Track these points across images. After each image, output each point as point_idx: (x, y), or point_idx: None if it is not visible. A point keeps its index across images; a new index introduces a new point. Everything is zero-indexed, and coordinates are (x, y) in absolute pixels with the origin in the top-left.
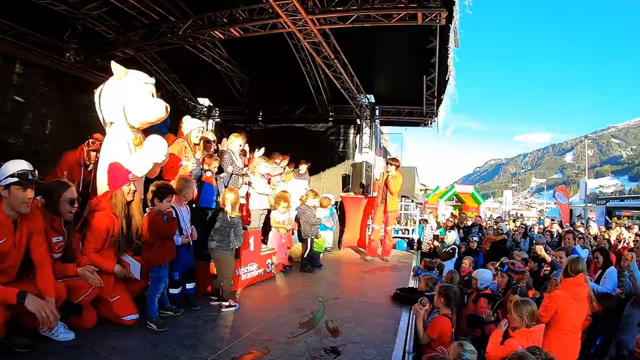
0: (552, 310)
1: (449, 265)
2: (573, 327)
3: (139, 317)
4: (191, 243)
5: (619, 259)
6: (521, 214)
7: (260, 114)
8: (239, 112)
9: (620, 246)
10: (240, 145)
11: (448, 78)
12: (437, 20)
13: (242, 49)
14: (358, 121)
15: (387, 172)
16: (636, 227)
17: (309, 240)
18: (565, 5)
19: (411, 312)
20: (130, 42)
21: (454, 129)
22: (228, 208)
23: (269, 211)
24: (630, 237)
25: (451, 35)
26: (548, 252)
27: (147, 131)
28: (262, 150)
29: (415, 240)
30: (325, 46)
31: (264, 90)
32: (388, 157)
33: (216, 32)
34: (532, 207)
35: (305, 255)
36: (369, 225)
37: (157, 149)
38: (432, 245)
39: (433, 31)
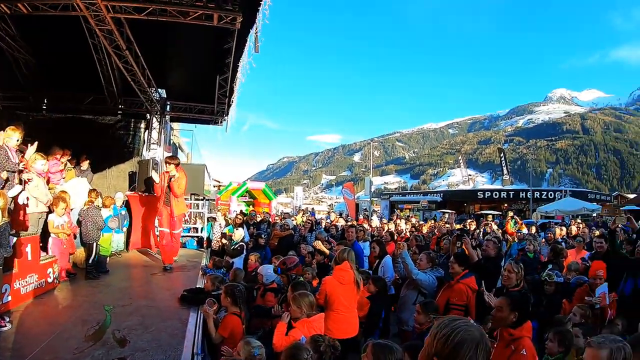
0: (323, 294)
1: (237, 262)
2: (345, 307)
3: None
4: None
5: None
6: (312, 208)
7: (46, 101)
8: (22, 98)
9: (397, 237)
10: (18, 140)
11: (236, 80)
12: (233, 24)
13: (31, 26)
14: (148, 116)
15: (168, 172)
16: (414, 219)
17: (94, 244)
18: (357, 21)
19: (199, 313)
20: None
21: (250, 127)
22: None
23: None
24: (407, 228)
25: (250, 40)
26: (332, 244)
27: None
28: (35, 145)
29: (205, 239)
30: (117, 35)
31: (52, 76)
32: (166, 155)
33: (2, 5)
34: (322, 201)
35: (90, 261)
36: (156, 227)
37: None
38: (220, 243)
39: (231, 32)
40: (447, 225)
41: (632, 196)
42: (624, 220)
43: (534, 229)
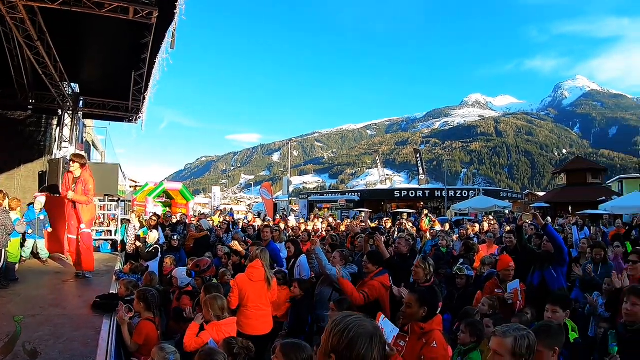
0: (236, 292)
1: (153, 265)
2: (255, 305)
3: None
4: None
5: None
6: (231, 208)
7: None
8: None
9: (314, 236)
10: None
11: (152, 77)
12: (149, 18)
13: None
14: (60, 112)
15: (72, 172)
16: (331, 218)
17: (2, 250)
18: (277, 23)
19: (112, 320)
20: None
21: (167, 125)
22: None
23: None
24: (323, 228)
25: (167, 36)
26: (249, 244)
27: None
28: None
29: (119, 242)
30: (29, 24)
31: None
32: (74, 152)
33: None
34: (241, 201)
35: None
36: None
37: None
38: (135, 246)
39: (148, 27)
40: (361, 224)
41: (541, 194)
42: (530, 217)
43: (447, 226)
